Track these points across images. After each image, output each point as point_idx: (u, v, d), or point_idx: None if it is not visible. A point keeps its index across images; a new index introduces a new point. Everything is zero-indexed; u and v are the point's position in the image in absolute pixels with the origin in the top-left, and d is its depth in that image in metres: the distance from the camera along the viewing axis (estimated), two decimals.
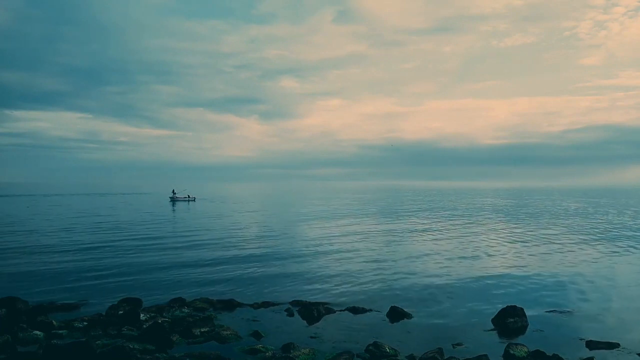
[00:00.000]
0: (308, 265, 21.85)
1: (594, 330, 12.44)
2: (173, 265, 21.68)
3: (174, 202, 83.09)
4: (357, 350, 10.69)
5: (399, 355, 10.44)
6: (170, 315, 13.34)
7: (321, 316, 13.61)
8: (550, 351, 10.33)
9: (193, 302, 14.65)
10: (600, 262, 23.19)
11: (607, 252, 26.33)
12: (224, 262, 22.42)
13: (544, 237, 33.09)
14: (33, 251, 25.40)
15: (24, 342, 10.90)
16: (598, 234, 35.43)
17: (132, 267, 21.02)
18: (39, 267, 20.93)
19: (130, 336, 11.27)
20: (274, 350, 10.60)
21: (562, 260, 23.74)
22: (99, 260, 22.60)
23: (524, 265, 22.26)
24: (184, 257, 23.98)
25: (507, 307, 13.29)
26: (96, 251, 25.55)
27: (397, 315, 13.68)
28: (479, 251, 26.54)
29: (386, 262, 22.79)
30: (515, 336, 12.01)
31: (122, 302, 14.02)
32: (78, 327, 12.03)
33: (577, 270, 21.12)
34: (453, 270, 20.77)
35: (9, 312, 12.88)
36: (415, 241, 30.98)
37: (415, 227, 40.85)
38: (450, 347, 11.04)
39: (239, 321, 13.07)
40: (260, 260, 23.19)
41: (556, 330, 12.54)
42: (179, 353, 10.30)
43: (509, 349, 10.55)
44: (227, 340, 11.38)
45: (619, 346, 11.15)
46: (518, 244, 29.79)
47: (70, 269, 20.52)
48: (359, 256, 24.55)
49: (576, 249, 27.41)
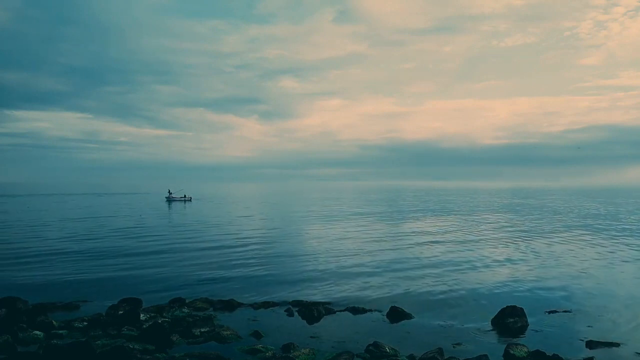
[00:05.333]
0: (308, 265, 21.84)
1: (594, 330, 12.44)
2: (173, 265, 21.68)
3: (170, 202, 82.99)
4: (357, 350, 10.69)
5: (399, 355, 10.44)
6: (170, 315, 13.34)
7: (321, 316, 13.61)
8: (550, 351, 10.32)
9: (193, 302, 14.66)
10: (601, 262, 23.17)
11: (608, 252, 26.33)
12: (224, 262, 22.42)
13: (544, 237, 33.08)
14: (33, 251, 25.38)
15: (24, 342, 10.89)
16: (598, 234, 35.42)
17: (132, 267, 21.02)
18: (39, 267, 20.93)
19: (130, 336, 11.26)
20: (274, 350, 10.59)
21: (563, 259, 23.72)
22: (99, 260, 22.60)
23: (524, 265, 22.26)
24: (183, 257, 23.97)
25: (507, 307, 13.29)
26: (96, 251, 25.54)
27: (397, 315, 13.68)
28: (479, 251, 26.53)
29: (386, 262, 22.77)
30: (515, 336, 12.00)
31: (122, 302, 14.02)
32: (78, 327, 12.03)
33: (578, 269, 21.11)
34: (453, 270, 20.75)
35: (9, 312, 12.87)
36: (415, 241, 30.96)
37: (415, 227, 40.85)
38: (450, 347, 11.04)
39: (239, 321, 13.07)
40: (260, 260, 23.19)
41: (556, 330, 12.53)
42: (179, 353, 10.30)
43: (509, 349, 10.54)
44: (227, 340, 11.38)
45: (619, 346, 11.15)
46: (518, 243, 29.78)
47: (70, 268, 20.52)
48: (359, 256, 24.53)
49: (576, 249, 27.40)
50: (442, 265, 22.14)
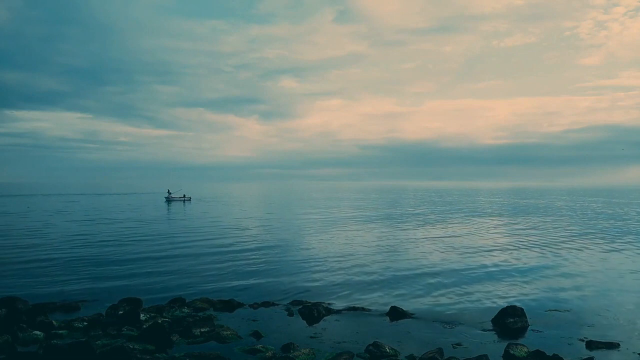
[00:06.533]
0: (308, 265, 21.84)
1: (594, 330, 12.44)
2: (173, 265, 21.68)
3: (169, 202, 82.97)
4: (357, 350, 10.70)
5: (399, 355, 10.45)
6: (170, 315, 13.34)
7: (321, 316, 13.61)
8: (550, 351, 10.33)
9: (193, 302, 14.66)
10: (601, 262, 23.17)
11: (609, 252, 26.33)
12: (224, 262, 22.41)
13: (545, 237, 33.09)
14: (33, 251, 25.38)
15: (24, 342, 10.89)
16: (598, 233, 35.43)
17: (132, 267, 21.02)
18: (39, 267, 20.92)
19: (130, 336, 11.27)
20: (274, 350, 10.59)
21: (563, 259, 23.71)
22: (99, 260, 22.59)
23: (524, 265, 22.26)
24: (183, 257, 23.96)
25: (507, 307, 13.30)
26: (96, 251, 25.55)
27: (397, 315, 13.69)
28: (480, 251, 26.54)
29: (386, 262, 22.79)
30: (515, 336, 12.00)
31: (122, 302, 14.02)
32: (78, 327, 12.03)
33: (578, 269, 21.11)
34: (453, 270, 20.76)
35: (9, 312, 12.87)
36: (415, 241, 30.96)
37: (415, 227, 40.85)
38: (450, 347, 11.04)
39: (239, 321, 13.08)
40: (260, 260, 23.19)
41: (556, 330, 12.53)
42: (179, 353, 10.30)
43: (509, 349, 10.54)
44: (227, 340, 11.38)
45: (619, 346, 11.15)
46: (518, 243, 29.78)
47: (70, 268, 20.52)
48: (358, 256, 24.53)
49: (576, 249, 27.40)
50: (442, 265, 22.13)
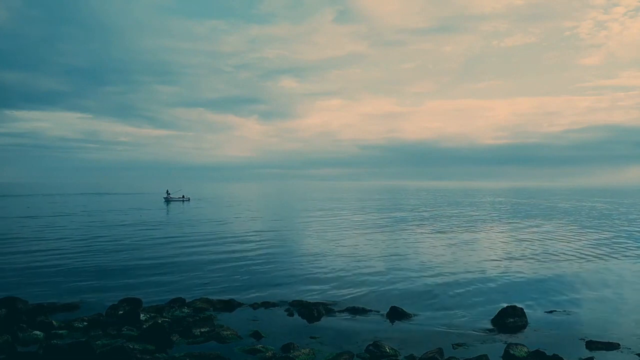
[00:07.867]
0: (308, 265, 21.84)
1: (594, 330, 12.43)
2: (173, 265, 21.67)
3: (168, 203, 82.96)
4: (357, 350, 10.70)
5: (399, 355, 10.44)
6: (170, 315, 13.34)
7: (321, 316, 13.61)
8: (550, 351, 10.33)
9: (193, 302, 14.65)
10: (601, 262, 23.17)
11: (609, 252, 26.32)
12: (224, 262, 22.41)
13: (545, 236, 33.08)
14: (33, 251, 25.38)
15: (24, 342, 10.89)
16: (598, 233, 35.42)
17: (132, 267, 21.02)
18: (39, 267, 20.92)
19: (130, 336, 11.26)
20: (274, 350, 10.59)
21: (563, 259, 23.72)
22: (98, 260, 22.59)
23: (524, 265, 22.25)
24: (183, 257, 23.97)
25: (507, 307, 13.30)
26: (96, 251, 25.54)
27: (397, 315, 13.68)
28: (480, 251, 26.54)
29: (386, 262, 22.78)
30: (515, 336, 12.01)
31: (122, 302, 14.02)
32: (78, 327, 12.03)
33: (578, 269, 21.12)
34: (453, 271, 20.75)
35: (9, 312, 12.87)
36: (415, 241, 30.96)
37: (415, 227, 40.84)
38: (450, 347, 11.04)
39: (239, 321, 13.07)
40: (260, 260, 23.18)
41: (556, 330, 12.53)
42: (179, 353, 10.30)
43: (509, 349, 10.54)
44: (227, 340, 11.38)
45: (619, 346, 11.14)
46: (518, 243, 29.78)
47: (70, 269, 20.52)
48: (359, 256, 24.53)
49: (577, 248, 27.41)
50: (442, 265, 22.13)
